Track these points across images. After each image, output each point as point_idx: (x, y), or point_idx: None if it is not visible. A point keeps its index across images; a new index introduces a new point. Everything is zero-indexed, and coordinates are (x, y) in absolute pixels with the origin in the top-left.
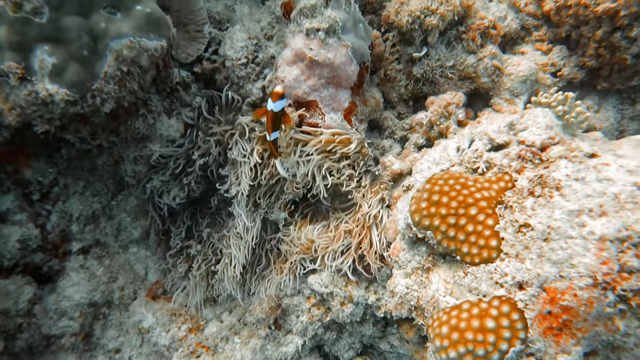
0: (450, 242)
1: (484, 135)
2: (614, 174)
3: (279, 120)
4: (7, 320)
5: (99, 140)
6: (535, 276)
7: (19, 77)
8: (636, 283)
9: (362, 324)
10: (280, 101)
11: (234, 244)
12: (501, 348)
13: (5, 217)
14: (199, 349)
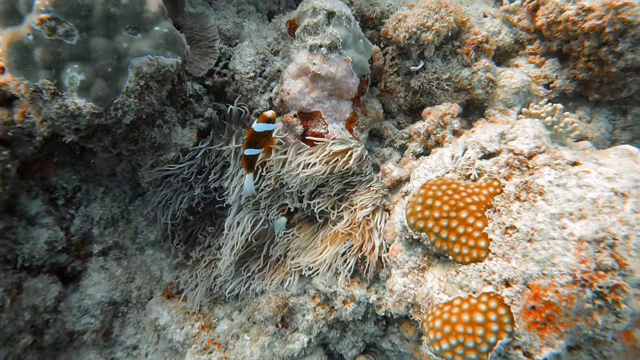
0: (443, 243)
1: (476, 144)
2: (594, 181)
3: (258, 140)
4: (36, 315)
5: (119, 148)
6: (520, 274)
7: (51, 92)
8: (611, 280)
9: (364, 322)
10: (265, 124)
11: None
12: (489, 340)
13: (34, 220)
14: (211, 345)
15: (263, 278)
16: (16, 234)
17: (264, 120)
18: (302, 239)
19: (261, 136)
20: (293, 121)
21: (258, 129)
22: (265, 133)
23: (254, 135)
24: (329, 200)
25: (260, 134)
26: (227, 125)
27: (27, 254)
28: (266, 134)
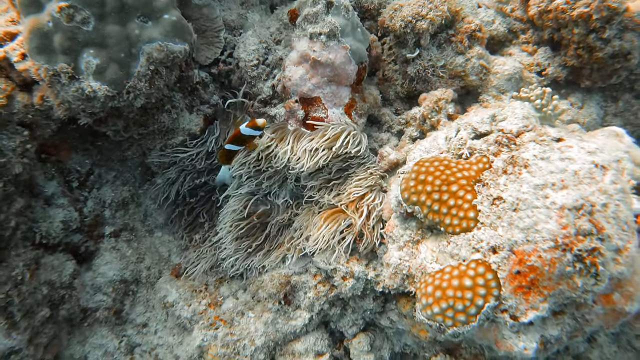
0: (435, 215)
1: (468, 126)
2: (575, 154)
3: (242, 141)
4: (53, 291)
5: (130, 132)
6: (506, 241)
7: (69, 76)
8: (589, 244)
9: (363, 298)
10: (253, 130)
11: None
12: (477, 303)
13: (50, 200)
14: (217, 321)
15: (265, 256)
16: (34, 213)
17: (253, 126)
18: (302, 218)
19: (246, 139)
20: (294, 106)
21: (245, 132)
22: (251, 137)
23: (240, 136)
24: (329, 182)
25: (246, 137)
26: (232, 112)
27: (45, 232)
28: (252, 138)
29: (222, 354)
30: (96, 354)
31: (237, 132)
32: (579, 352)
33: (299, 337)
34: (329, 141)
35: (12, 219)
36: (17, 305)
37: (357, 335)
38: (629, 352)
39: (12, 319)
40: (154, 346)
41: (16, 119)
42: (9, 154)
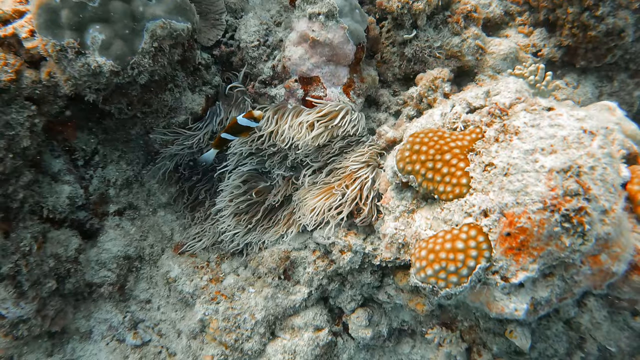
0: (429, 183)
1: (462, 101)
2: (565, 121)
3: (238, 131)
4: (59, 264)
5: (134, 110)
6: (497, 204)
7: (75, 51)
8: (576, 204)
9: (361, 272)
10: (249, 121)
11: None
12: (469, 264)
13: (57, 177)
14: (218, 296)
15: (265, 232)
16: (41, 188)
17: (250, 117)
18: (301, 193)
19: (242, 129)
20: (294, 86)
21: (241, 122)
22: (247, 128)
23: (236, 126)
24: (329, 160)
25: (242, 127)
26: (234, 93)
27: (51, 206)
28: (247, 129)
29: (223, 328)
30: (101, 329)
31: (233, 121)
32: (570, 317)
33: (299, 312)
34: (327, 118)
35: (20, 191)
36: (25, 275)
37: (355, 311)
38: (625, 331)
39: (20, 288)
40: (157, 322)
41: (24, 94)
42: (17, 127)
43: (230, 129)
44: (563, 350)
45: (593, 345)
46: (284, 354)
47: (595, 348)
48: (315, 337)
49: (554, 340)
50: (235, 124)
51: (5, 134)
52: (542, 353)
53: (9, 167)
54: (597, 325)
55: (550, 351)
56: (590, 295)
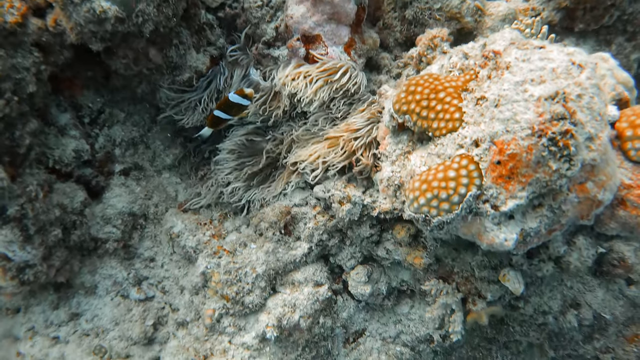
0: (424, 121)
1: (459, 51)
2: (555, 56)
3: (230, 108)
4: (64, 214)
5: (140, 66)
6: (487, 134)
7: None
8: (562, 127)
9: (360, 225)
10: (240, 98)
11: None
12: (460, 192)
13: (63, 130)
14: (220, 251)
15: (266, 185)
16: (48, 140)
17: (241, 94)
18: (302, 143)
19: (233, 106)
20: (296, 44)
21: (233, 99)
22: (238, 105)
23: (227, 103)
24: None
25: (233, 104)
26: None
27: (57, 158)
28: (239, 106)
29: (224, 281)
30: (106, 284)
31: (225, 98)
32: (559, 254)
33: (299, 267)
34: (327, 73)
35: (26, 137)
36: (31, 219)
37: (355, 268)
38: (620, 300)
39: (26, 231)
40: (161, 279)
41: (30, 40)
42: (23, 72)
43: (222, 105)
44: (557, 307)
45: (588, 311)
46: (284, 307)
47: (591, 314)
48: (315, 292)
49: (549, 297)
50: (227, 100)
51: (11, 77)
52: (537, 310)
53: (15, 111)
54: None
55: (545, 307)
56: (580, 234)
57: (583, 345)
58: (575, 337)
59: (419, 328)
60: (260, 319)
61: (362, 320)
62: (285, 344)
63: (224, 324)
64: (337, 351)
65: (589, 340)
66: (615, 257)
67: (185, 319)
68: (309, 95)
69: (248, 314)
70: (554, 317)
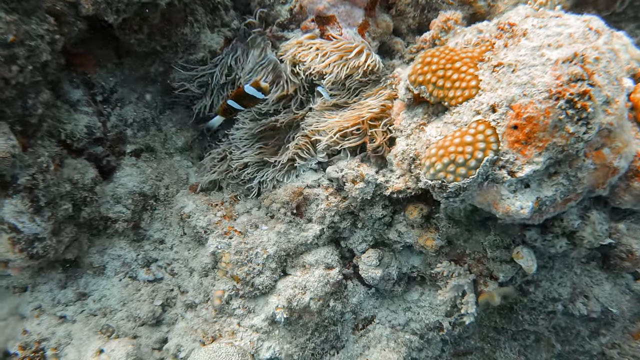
0: (440, 91)
1: (474, 29)
2: (572, 22)
3: (243, 99)
4: (75, 190)
5: (154, 43)
6: (504, 98)
7: None
8: (580, 89)
9: (372, 206)
10: (256, 90)
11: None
12: (477, 156)
13: (76, 106)
14: (231, 231)
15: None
16: (60, 113)
17: (256, 86)
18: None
19: (248, 98)
20: (311, 25)
21: (248, 91)
22: (252, 97)
23: (242, 94)
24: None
25: (248, 95)
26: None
27: (69, 132)
28: (252, 98)
29: (235, 261)
30: (114, 265)
31: (240, 89)
32: (574, 229)
33: (310, 249)
34: (343, 50)
35: (39, 107)
36: (41, 190)
37: (366, 251)
38: (626, 294)
39: (37, 202)
40: (170, 261)
41: (45, 6)
42: (37, 39)
43: (237, 96)
44: (567, 294)
45: (597, 304)
46: (294, 289)
47: (599, 307)
48: (326, 274)
49: (559, 283)
50: (242, 91)
51: (24, 43)
52: (546, 296)
53: (28, 79)
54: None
55: (554, 294)
56: (593, 209)
57: (589, 341)
58: (581, 333)
59: (429, 315)
60: (270, 300)
61: (372, 307)
62: (295, 327)
63: (233, 305)
64: (346, 337)
65: (595, 335)
66: (623, 250)
67: (194, 300)
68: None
69: (258, 296)
70: (563, 304)
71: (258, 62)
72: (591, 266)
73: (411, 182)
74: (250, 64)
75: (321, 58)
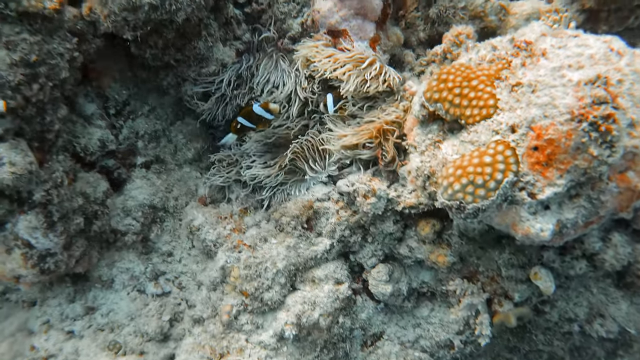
0: (456, 109)
1: (488, 45)
2: (592, 42)
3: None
4: (87, 204)
5: (168, 57)
6: (524, 119)
7: None
8: (604, 112)
9: (383, 221)
10: (264, 111)
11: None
12: (497, 178)
13: (90, 120)
14: (240, 245)
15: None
16: (75, 127)
17: (265, 108)
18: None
19: (256, 117)
20: (323, 38)
21: (256, 111)
22: (260, 117)
23: (251, 113)
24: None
25: (256, 114)
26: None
27: (83, 145)
28: (261, 118)
29: (244, 276)
30: (123, 278)
31: (249, 108)
32: (594, 252)
33: (320, 264)
34: (355, 60)
35: (56, 123)
36: (55, 206)
37: (376, 266)
38: None
39: (50, 218)
40: (178, 274)
41: (66, 26)
42: (57, 57)
43: (246, 113)
44: (583, 315)
45: (613, 324)
46: (303, 305)
47: (616, 327)
48: (336, 289)
49: (575, 303)
50: (250, 110)
51: (46, 62)
52: (562, 316)
53: (47, 96)
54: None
55: (570, 314)
56: (615, 231)
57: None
58: (597, 353)
59: (439, 332)
60: (279, 316)
61: (381, 323)
62: (303, 343)
63: (241, 321)
64: (355, 354)
65: (612, 356)
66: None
67: (202, 315)
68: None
69: (266, 312)
70: (580, 325)
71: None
72: (606, 283)
73: (423, 197)
74: (262, 75)
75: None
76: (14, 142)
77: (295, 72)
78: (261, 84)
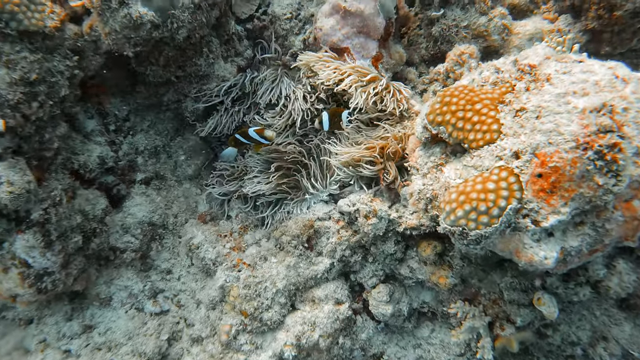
0: (459, 132)
1: (491, 66)
2: (597, 69)
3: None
4: (85, 221)
5: (168, 73)
6: (528, 145)
7: (119, 1)
8: (610, 140)
9: (384, 242)
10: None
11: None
12: (500, 205)
13: (89, 136)
14: (240, 264)
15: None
16: (74, 144)
17: (260, 134)
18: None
19: (251, 139)
20: (326, 55)
21: (251, 134)
22: (255, 140)
23: (245, 131)
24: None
25: (251, 137)
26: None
27: (82, 163)
28: (255, 141)
29: (243, 295)
30: (121, 296)
31: (245, 129)
32: (598, 278)
33: (320, 284)
34: (359, 73)
35: (55, 141)
36: (53, 225)
37: (376, 287)
38: None
39: (48, 237)
40: (177, 292)
41: (67, 44)
42: (57, 75)
43: (242, 133)
44: (586, 339)
45: (616, 346)
46: (303, 325)
47: (619, 350)
48: (336, 310)
49: (577, 326)
50: (246, 130)
51: (46, 80)
52: (564, 340)
53: (47, 114)
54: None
55: (573, 338)
56: (620, 258)
57: None
58: None
59: (440, 354)
60: (279, 337)
61: (381, 343)
62: None
63: (240, 341)
64: None
65: None
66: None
67: (201, 334)
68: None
69: (266, 332)
70: (583, 348)
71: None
72: (608, 304)
73: (425, 219)
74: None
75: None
76: (12, 161)
77: (298, 88)
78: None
